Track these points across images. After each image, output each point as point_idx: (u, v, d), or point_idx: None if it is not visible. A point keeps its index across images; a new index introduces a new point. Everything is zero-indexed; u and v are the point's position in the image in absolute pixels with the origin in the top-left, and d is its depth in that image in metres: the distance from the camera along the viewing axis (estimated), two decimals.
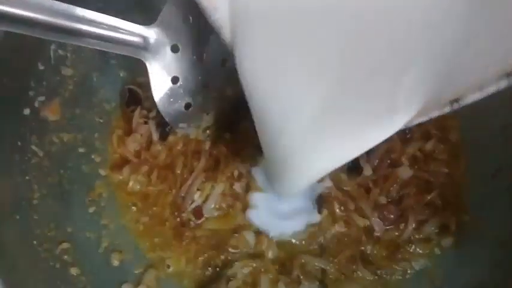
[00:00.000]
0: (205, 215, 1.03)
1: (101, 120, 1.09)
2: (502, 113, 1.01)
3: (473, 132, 1.06)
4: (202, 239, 1.02)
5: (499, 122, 1.01)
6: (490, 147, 1.02)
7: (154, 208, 1.05)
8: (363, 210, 1.01)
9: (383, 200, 1.01)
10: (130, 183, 1.05)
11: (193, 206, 1.03)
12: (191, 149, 1.06)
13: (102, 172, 1.07)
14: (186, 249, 1.02)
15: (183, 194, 1.04)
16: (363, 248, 1.00)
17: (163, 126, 1.05)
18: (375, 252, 1.00)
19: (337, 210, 1.01)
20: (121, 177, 1.06)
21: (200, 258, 1.02)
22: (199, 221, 1.03)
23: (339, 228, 1.00)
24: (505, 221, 0.94)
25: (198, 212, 1.03)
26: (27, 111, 0.92)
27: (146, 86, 1.06)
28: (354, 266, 0.98)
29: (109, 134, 1.09)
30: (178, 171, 1.05)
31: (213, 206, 1.03)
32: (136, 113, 1.07)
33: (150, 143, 1.06)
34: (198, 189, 1.04)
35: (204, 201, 1.03)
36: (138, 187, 1.05)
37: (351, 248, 1.00)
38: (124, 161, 1.07)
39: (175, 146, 1.06)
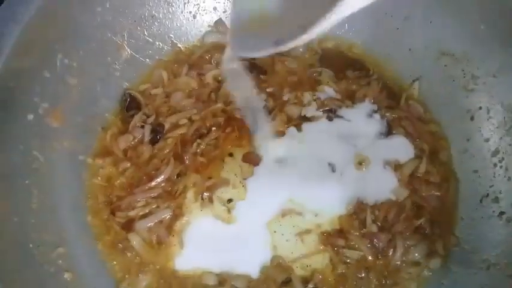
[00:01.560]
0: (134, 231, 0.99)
1: (102, 129, 1.10)
2: (493, 138, 1.04)
3: (463, 156, 1.09)
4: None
5: (490, 146, 1.04)
6: (480, 172, 1.05)
7: None
8: (353, 244, 1.00)
9: (374, 228, 1.00)
10: (106, 170, 1.06)
11: (130, 213, 1.00)
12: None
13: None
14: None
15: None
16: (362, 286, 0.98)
17: (156, 133, 1.08)
18: (371, 284, 0.98)
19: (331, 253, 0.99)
20: (100, 162, 1.06)
21: None
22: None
23: (341, 270, 0.98)
24: (492, 245, 0.97)
25: (128, 225, 1.00)
26: (30, 117, 0.94)
27: (147, 93, 1.13)
28: None
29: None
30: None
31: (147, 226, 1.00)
32: (137, 117, 1.09)
33: (139, 144, 1.08)
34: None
35: (142, 217, 1.01)
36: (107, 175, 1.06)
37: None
38: (109, 153, 1.08)
39: (161, 151, 1.07)
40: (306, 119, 1.10)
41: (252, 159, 1.06)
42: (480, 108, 1.07)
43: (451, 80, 1.11)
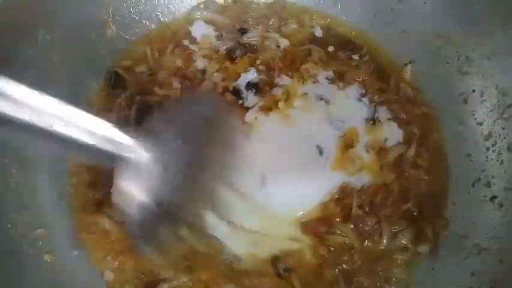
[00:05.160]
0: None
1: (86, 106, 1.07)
2: (487, 122, 1.02)
3: (455, 140, 1.07)
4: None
5: (483, 130, 1.03)
6: (472, 156, 1.03)
7: None
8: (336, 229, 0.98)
9: (359, 212, 0.98)
10: None
11: None
12: None
13: None
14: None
15: None
16: (344, 266, 0.96)
17: (142, 112, 1.05)
18: (356, 266, 0.96)
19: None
20: None
21: None
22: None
23: (323, 252, 0.96)
24: (484, 230, 0.95)
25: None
26: None
27: (131, 70, 1.11)
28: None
29: None
30: None
31: None
32: (122, 96, 1.07)
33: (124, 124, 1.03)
34: None
35: None
36: None
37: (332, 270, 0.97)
38: None
39: None
40: (295, 97, 1.07)
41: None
42: (474, 91, 1.06)
43: (445, 63, 1.10)
